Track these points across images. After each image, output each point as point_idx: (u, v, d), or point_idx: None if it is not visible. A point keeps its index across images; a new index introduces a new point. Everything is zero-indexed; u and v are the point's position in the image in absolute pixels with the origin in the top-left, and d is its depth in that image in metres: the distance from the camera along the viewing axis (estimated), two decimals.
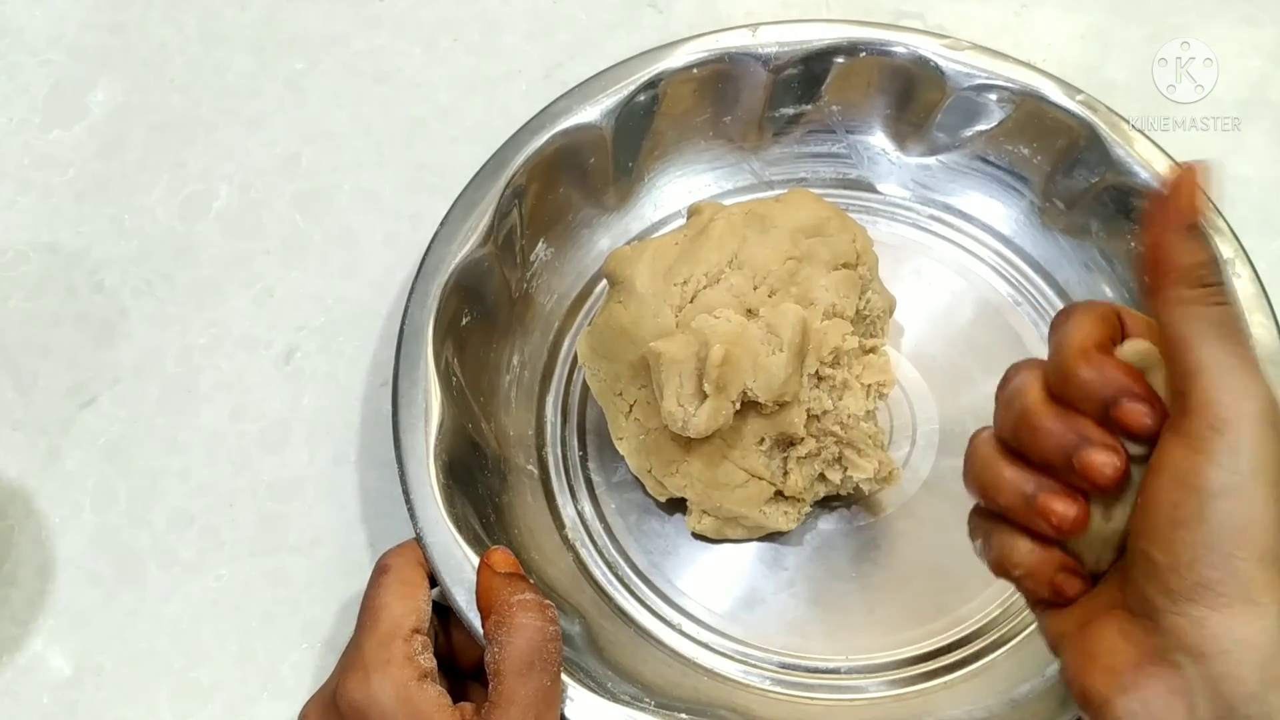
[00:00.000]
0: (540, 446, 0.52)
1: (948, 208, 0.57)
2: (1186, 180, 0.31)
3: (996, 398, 0.35)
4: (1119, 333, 0.34)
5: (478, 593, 0.41)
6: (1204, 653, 0.30)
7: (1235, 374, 0.30)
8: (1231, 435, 0.29)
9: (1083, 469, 0.32)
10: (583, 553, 0.50)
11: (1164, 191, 0.31)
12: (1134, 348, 0.33)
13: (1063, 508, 0.32)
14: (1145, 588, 0.31)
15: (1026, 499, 0.33)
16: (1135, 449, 0.32)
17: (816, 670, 0.47)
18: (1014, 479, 0.34)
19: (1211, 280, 0.31)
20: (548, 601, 0.40)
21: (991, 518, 0.35)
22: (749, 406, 0.45)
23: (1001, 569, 0.35)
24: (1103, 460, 0.32)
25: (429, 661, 0.39)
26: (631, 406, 0.48)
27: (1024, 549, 0.34)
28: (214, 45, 0.63)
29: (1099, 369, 0.32)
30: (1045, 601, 0.35)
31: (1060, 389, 0.33)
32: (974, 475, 0.35)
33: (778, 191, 0.56)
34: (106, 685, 0.47)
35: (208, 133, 0.60)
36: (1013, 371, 0.35)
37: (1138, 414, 0.31)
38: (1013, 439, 0.34)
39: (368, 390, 0.53)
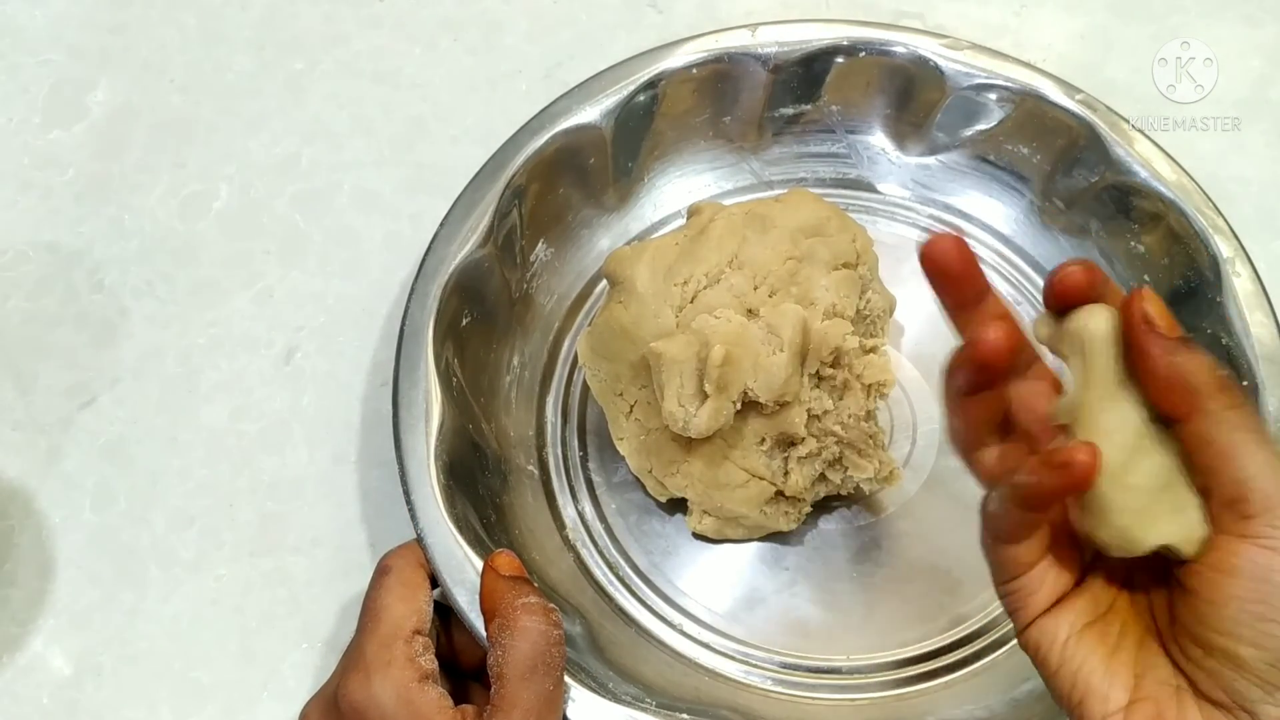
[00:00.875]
0: (541, 447, 0.52)
1: (947, 207, 0.57)
2: (1152, 302, 0.31)
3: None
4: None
5: (481, 595, 0.41)
6: None
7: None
8: None
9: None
10: (583, 553, 0.50)
11: (1138, 324, 0.31)
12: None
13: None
14: (1235, 683, 0.31)
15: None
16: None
17: (817, 670, 0.47)
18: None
19: (1230, 383, 0.31)
20: (551, 605, 0.40)
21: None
22: (749, 406, 0.45)
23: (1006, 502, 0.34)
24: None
25: (430, 663, 0.39)
26: (632, 407, 0.48)
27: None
28: (214, 45, 0.63)
29: None
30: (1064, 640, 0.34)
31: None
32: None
33: (777, 191, 0.56)
34: (106, 685, 0.47)
35: (208, 133, 0.60)
36: None
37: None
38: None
39: (368, 390, 0.53)
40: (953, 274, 0.35)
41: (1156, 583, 0.34)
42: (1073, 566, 0.35)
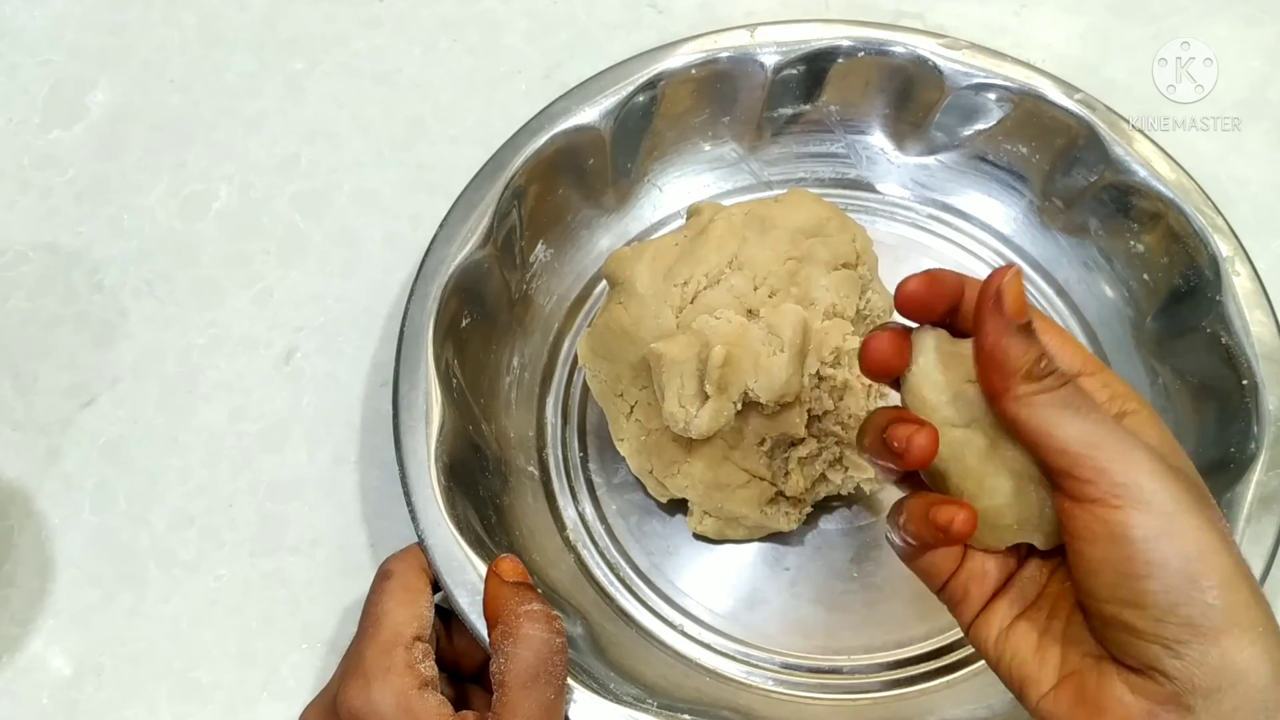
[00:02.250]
0: (541, 448, 0.52)
1: (947, 207, 0.57)
2: (1011, 283, 0.32)
3: None
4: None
5: (485, 601, 0.41)
6: (1212, 689, 0.30)
7: (1106, 438, 0.31)
8: (1135, 489, 0.30)
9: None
10: (584, 554, 0.49)
11: (988, 297, 0.32)
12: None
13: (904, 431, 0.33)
14: (1135, 645, 0.31)
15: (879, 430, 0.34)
16: None
17: (819, 670, 0.47)
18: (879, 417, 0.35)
19: (1049, 370, 0.32)
20: (555, 612, 0.40)
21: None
22: (750, 407, 0.45)
23: (904, 539, 0.36)
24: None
25: (430, 669, 0.39)
26: (632, 408, 0.48)
27: (911, 503, 0.35)
28: (214, 45, 0.63)
29: None
30: (931, 545, 0.35)
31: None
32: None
33: (777, 192, 0.56)
34: (106, 685, 0.47)
35: (207, 133, 0.60)
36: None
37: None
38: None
39: (368, 390, 0.53)
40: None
41: None
42: (1001, 565, 0.35)
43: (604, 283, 0.52)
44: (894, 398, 0.51)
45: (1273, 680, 0.30)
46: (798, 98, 0.57)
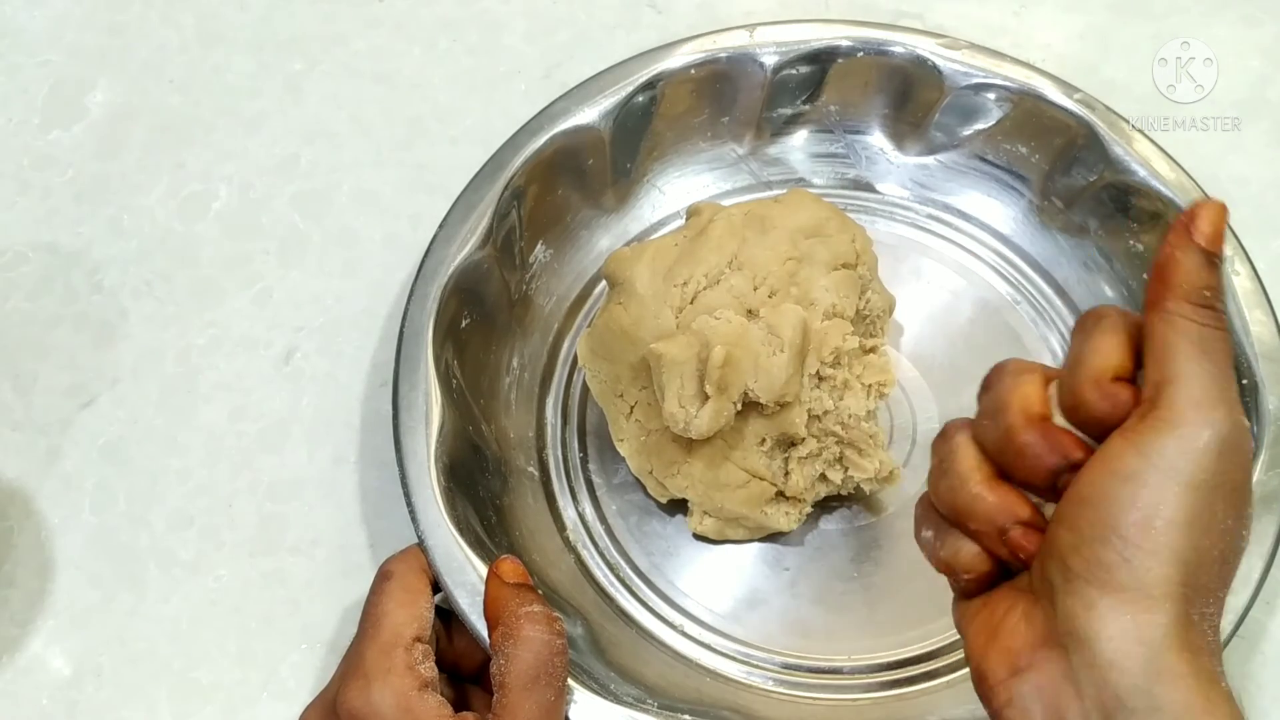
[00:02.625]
0: (541, 448, 0.52)
1: (946, 207, 0.57)
2: (1211, 210, 0.31)
3: (980, 398, 0.35)
4: (1133, 349, 0.33)
5: (485, 602, 0.41)
6: (1088, 637, 0.29)
7: (1206, 389, 0.30)
8: (1169, 435, 0.29)
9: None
10: (584, 554, 0.49)
11: (1193, 214, 0.31)
12: None
13: (1032, 544, 0.32)
14: (1047, 565, 0.31)
15: (999, 530, 0.33)
16: None
17: (819, 670, 0.47)
18: (991, 508, 0.33)
19: (1214, 304, 0.30)
20: (556, 614, 0.40)
21: (944, 518, 0.35)
22: (750, 407, 0.45)
23: (948, 569, 0.35)
24: None
25: (430, 671, 0.39)
26: (632, 408, 0.48)
27: (972, 553, 0.34)
28: (213, 46, 0.63)
29: (1101, 393, 0.31)
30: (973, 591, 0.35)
31: (1067, 405, 0.32)
32: (946, 492, 0.34)
33: (776, 192, 0.56)
34: (106, 685, 0.47)
35: (207, 133, 0.60)
36: (996, 377, 0.34)
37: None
38: (995, 453, 0.33)
39: (367, 390, 0.53)
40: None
41: None
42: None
43: (603, 283, 0.52)
44: (894, 398, 0.51)
45: (1158, 652, 0.29)
46: (797, 98, 0.57)
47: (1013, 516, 0.32)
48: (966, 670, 0.46)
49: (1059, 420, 0.33)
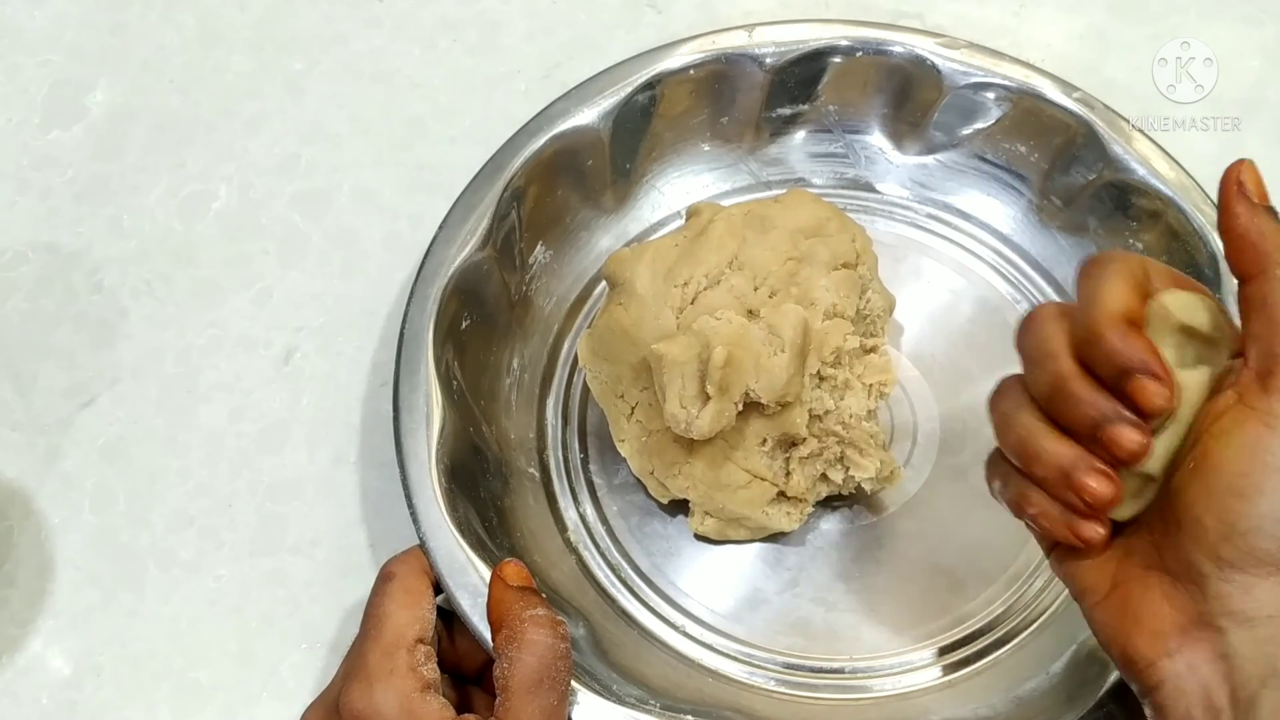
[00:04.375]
0: (541, 449, 0.52)
1: (946, 206, 0.57)
2: (1251, 170, 0.32)
3: (1020, 346, 0.35)
4: (1147, 288, 0.34)
5: (489, 605, 0.41)
6: (1251, 617, 0.31)
7: None
8: None
9: (1109, 443, 0.32)
10: (585, 555, 0.49)
11: (1231, 183, 0.32)
12: (1177, 300, 0.33)
13: (1097, 485, 0.33)
14: (1193, 553, 0.31)
15: (1063, 473, 0.33)
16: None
17: (820, 670, 0.47)
18: (1054, 453, 0.33)
19: None
20: (559, 617, 0.40)
21: (1012, 465, 0.36)
22: (751, 407, 0.45)
23: (1020, 510, 0.36)
24: (1130, 436, 0.32)
25: (432, 672, 0.39)
26: (633, 408, 0.48)
27: (1043, 497, 0.35)
28: (213, 46, 0.63)
29: (1126, 342, 0.32)
30: (1064, 547, 0.35)
31: (1087, 352, 0.33)
32: (1013, 443, 0.35)
33: (776, 192, 0.56)
34: (106, 685, 0.47)
35: (207, 133, 0.60)
36: (1037, 323, 0.35)
37: (1152, 393, 0.31)
38: (1045, 402, 0.34)
39: (367, 390, 0.53)
40: None
41: None
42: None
43: (603, 284, 0.52)
44: (895, 398, 0.51)
45: None
46: (796, 98, 0.57)
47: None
48: (968, 670, 0.46)
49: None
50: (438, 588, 0.42)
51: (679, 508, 0.50)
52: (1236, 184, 0.32)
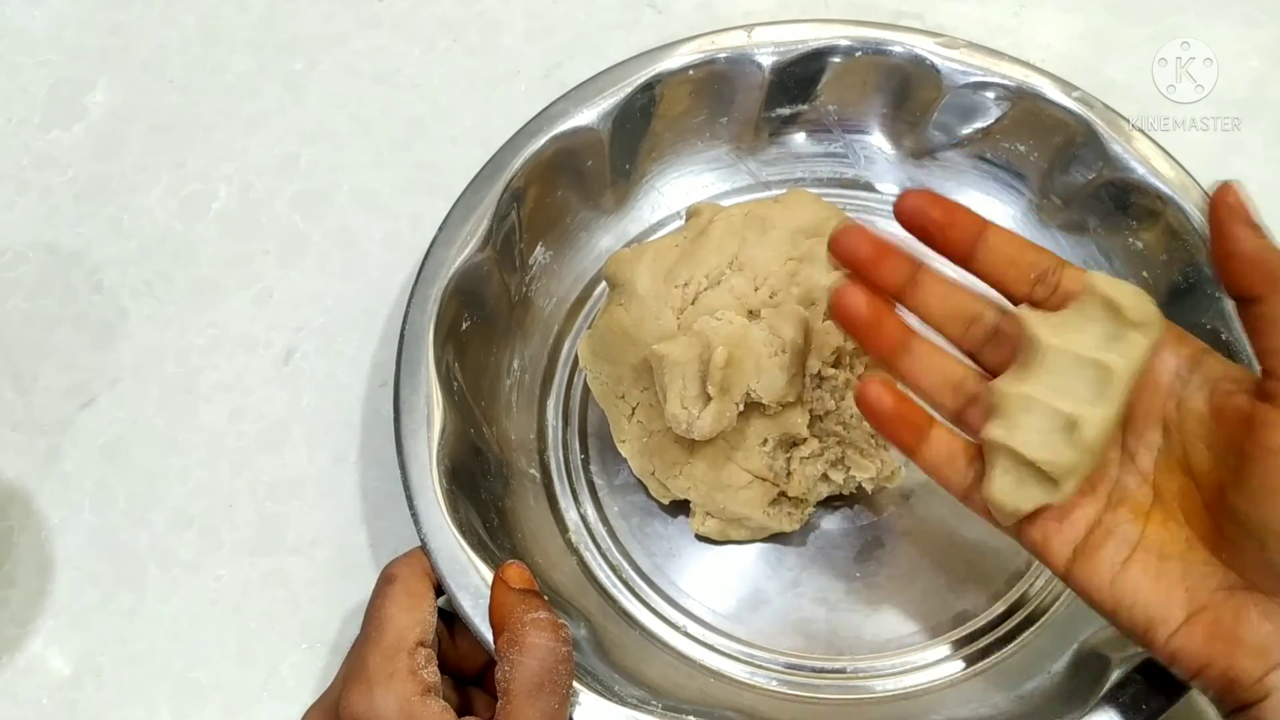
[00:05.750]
0: (542, 450, 0.52)
1: None
2: (1238, 190, 0.33)
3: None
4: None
5: (491, 608, 0.41)
6: None
7: None
8: None
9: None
10: (586, 556, 0.49)
11: (1229, 207, 0.33)
12: (1105, 279, 0.36)
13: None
14: None
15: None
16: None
17: (822, 670, 0.47)
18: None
19: None
20: (561, 621, 0.40)
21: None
22: (752, 408, 0.45)
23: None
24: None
25: (433, 675, 0.39)
26: (634, 409, 0.48)
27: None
28: (213, 46, 0.63)
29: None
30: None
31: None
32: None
33: (775, 192, 0.56)
34: (106, 685, 0.47)
35: (207, 133, 0.60)
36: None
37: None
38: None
39: (367, 390, 0.53)
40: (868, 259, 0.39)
41: (1196, 483, 0.35)
42: (1085, 505, 0.36)
43: (604, 284, 0.52)
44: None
45: None
46: (796, 98, 0.57)
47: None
48: (970, 669, 0.46)
49: None
50: (439, 589, 0.42)
51: (680, 508, 0.50)
52: (1230, 207, 0.33)
